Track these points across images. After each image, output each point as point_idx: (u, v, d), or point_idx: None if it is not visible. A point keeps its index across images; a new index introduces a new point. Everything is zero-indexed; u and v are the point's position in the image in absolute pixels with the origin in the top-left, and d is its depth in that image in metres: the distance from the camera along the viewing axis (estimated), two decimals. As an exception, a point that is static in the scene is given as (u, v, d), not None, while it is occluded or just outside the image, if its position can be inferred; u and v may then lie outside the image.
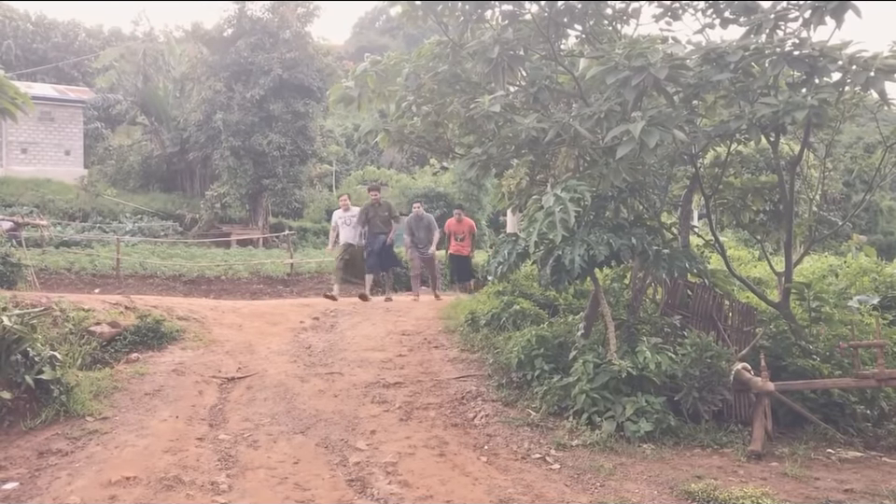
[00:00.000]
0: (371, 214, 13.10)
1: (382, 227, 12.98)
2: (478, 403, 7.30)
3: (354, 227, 13.14)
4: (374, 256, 13.00)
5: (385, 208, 13.21)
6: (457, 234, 14.70)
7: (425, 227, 13.65)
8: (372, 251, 13.00)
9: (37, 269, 15.95)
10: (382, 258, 13.09)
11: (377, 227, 12.96)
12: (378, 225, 12.99)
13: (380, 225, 12.98)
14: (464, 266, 14.96)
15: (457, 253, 14.78)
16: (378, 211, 13.12)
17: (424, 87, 7.73)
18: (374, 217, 13.08)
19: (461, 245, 14.68)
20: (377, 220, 13.07)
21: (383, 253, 13.04)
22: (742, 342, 7.66)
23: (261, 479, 5.37)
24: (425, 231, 13.59)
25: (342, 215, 13.49)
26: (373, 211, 13.12)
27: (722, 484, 5.30)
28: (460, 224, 14.77)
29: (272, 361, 8.52)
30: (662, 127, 5.98)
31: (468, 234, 14.62)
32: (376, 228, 12.95)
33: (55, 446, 5.90)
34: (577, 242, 6.63)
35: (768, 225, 9.39)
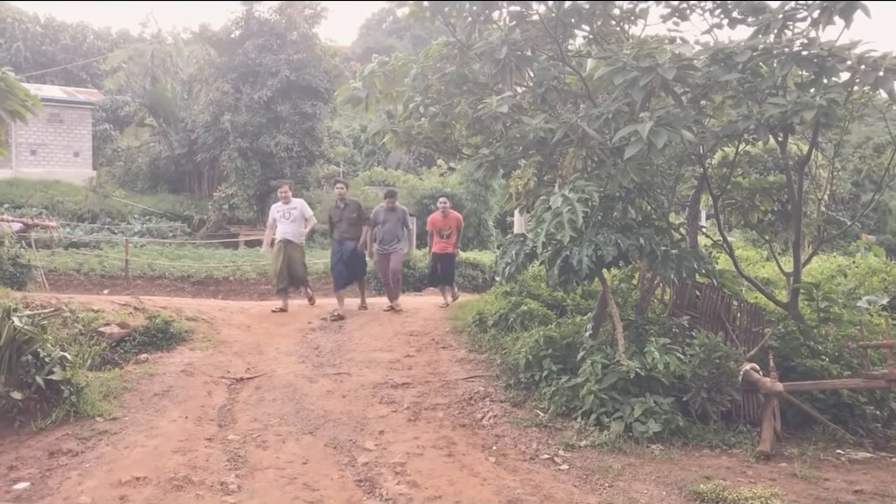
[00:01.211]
0: (336, 216, 11.20)
1: (349, 231, 11.14)
2: (486, 404, 7.30)
3: (294, 221, 11.25)
4: (341, 266, 11.20)
5: (352, 208, 11.21)
6: (443, 230, 12.49)
7: (395, 219, 11.48)
8: (340, 260, 11.19)
9: (47, 270, 16.03)
10: (350, 268, 11.29)
11: (343, 231, 11.12)
12: (344, 229, 11.13)
13: (347, 229, 11.13)
14: (448, 265, 12.74)
15: (442, 251, 12.46)
16: (344, 212, 11.15)
17: (431, 88, 7.75)
18: (340, 219, 11.17)
19: (447, 242, 12.55)
20: (343, 224, 11.16)
21: (352, 263, 11.26)
22: (750, 342, 7.64)
23: (270, 479, 5.39)
24: (393, 224, 11.43)
25: (280, 208, 11.40)
26: (338, 213, 11.20)
27: (731, 485, 5.29)
28: (446, 219, 12.45)
29: (280, 362, 8.54)
30: (670, 127, 5.97)
31: (454, 230, 12.51)
32: (342, 232, 11.12)
33: (65, 446, 5.92)
34: (585, 242, 6.63)
35: (776, 225, 9.37)
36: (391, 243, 11.41)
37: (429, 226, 12.56)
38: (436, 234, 12.46)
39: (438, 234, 12.42)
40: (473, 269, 19.17)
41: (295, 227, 11.20)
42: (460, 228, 12.60)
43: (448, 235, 12.33)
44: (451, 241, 12.37)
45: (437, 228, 12.39)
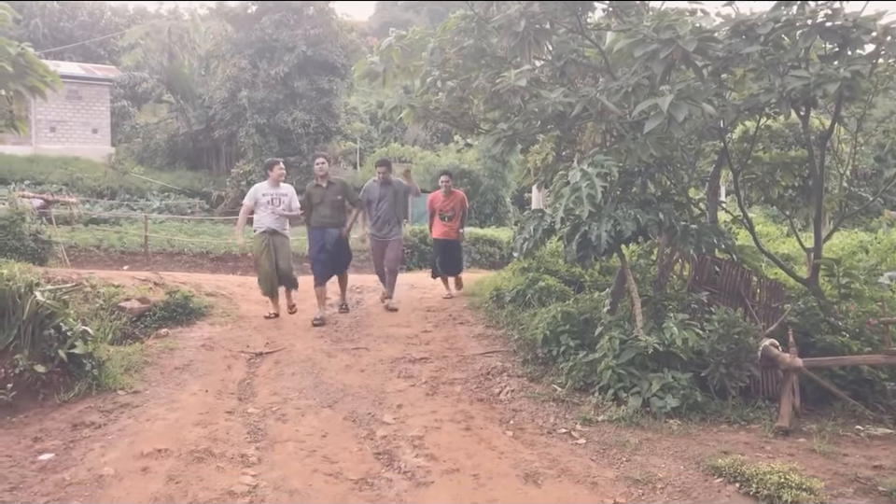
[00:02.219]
0: (317, 197, 9.38)
1: (332, 216, 9.40)
2: (503, 379, 7.32)
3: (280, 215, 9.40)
4: (324, 257, 9.43)
5: (336, 189, 9.42)
6: (444, 212, 10.83)
7: (392, 196, 9.89)
8: (322, 250, 9.42)
9: (67, 246, 16.18)
10: (335, 259, 9.56)
11: (325, 216, 9.35)
12: (327, 214, 9.36)
13: (329, 214, 9.37)
14: (453, 254, 11.05)
15: (445, 237, 10.83)
16: (327, 193, 9.34)
17: (449, 62, 7.70)
18: (321, 201, 9.36)
19: (449, 226, 10.84)
20: (325, 207, 9.37)
21: (336, 253, 9.52)
22: (770, 318, 7.60)
23: (290, 451, 5.44)
24: (390, 203, 9.84)
25: (267, 190, 9.39)
26: (319, 193, 9.38)
27: (749, 460, 5.28)
28: (449, 198, 10.85)
29: (298, 337, 8.59)
30: (690, 101, 5.91)
31: (458, 211, 10.87)
32: (324, 217, 9.35)
33: (88, 419, 6.00)
34: (604, 217, 6.60)
35: (797, 201, 9.28)
36: (389, 227, 9.90)
37: (429, 206, 11.13)
38: (437, 216, 10.91)
39: (439, 216, 10.87)
40: (490, 245, 19.20)
41: (280, 216, 9.38)
42: (465, 209, 11.09)
43: (451, 218, 10.78)
44: (454, 224, 10.81)
45: (437, 209, 10.88)
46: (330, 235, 9.40)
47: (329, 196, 9.33)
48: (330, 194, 9.34)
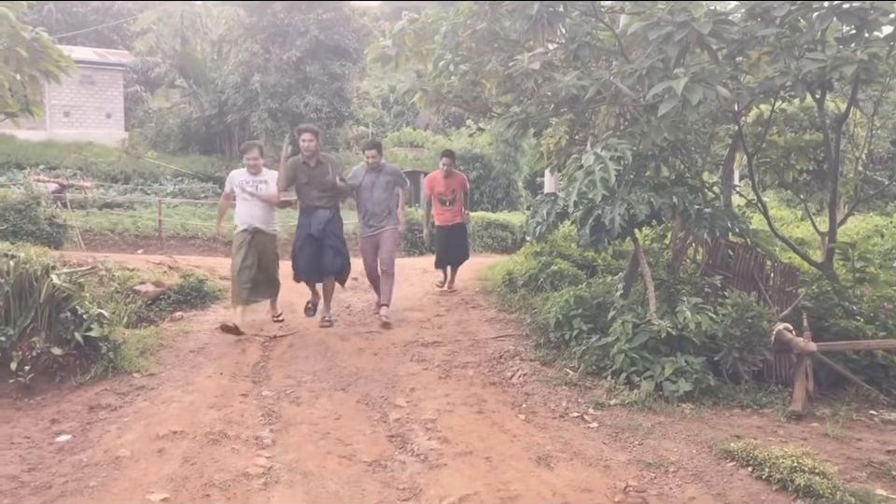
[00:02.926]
0: (303, 176, 8.16)
1: (320, 198, 8.17)
2: (516, 362, 7.34)
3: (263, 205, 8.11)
4: (310, 248, 8.13)
5: (325, 168, 8.15)
6: (444, 195, 10.02)
7: (384, 184, 8.60)
8: (309, 238, 8.12)
9: (82, 230, 16.30)
10: (324, 251, 8.15)
11: (312, 198, 8.18)
12: (313, 195, 8.18)
13: (317, 195, 8.17)
14: (458, 241, 10.24)
15: (446, 223, 10.07)
16: (315, 173, 8.13)
17: (462, 45, 7.67)
18: (308, 182, 8.16)
19: (450, 210, 10.06)
20: (311, 189, 8.18)
21: (325, 242, 8.14)
22: (784, 302, 7.58)
23: (304, 434, 5.48)
24: (382, 191, 8.59)
25: (245, 177, 8.16)
26: (305, 172, 8.15)
27: (762, 444, 5.28)
28: (449, 179, 10.02)
29: (312, 320, 8.63)
30: (705, 84, 5.87)
31: (459, 195, 10.10)
32: (311, 199, 8.19)
33: (104, 401, 6.07)
34: (617, 201, 6.58)
35: (812, 185, 9.23)
36: (381, 219, 8.58)
37: (426, 188, 10.28)
38: (436, 201, 10.13)
39: (438, 201, 10.08)
40: (502, 230, 19.18)
41: (264, 209, 8.11)
42: (466, 192, 10.32)
43: (451, 201, 10.03)
44: (456, 207, 10.09)
45: (436, 192, 10.09)
46: (318, 218, 8.07)
47: (316, 176, 8.08)
48: (318, 174, 8.08)
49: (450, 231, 10.16)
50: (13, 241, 10.82)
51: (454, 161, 10.40)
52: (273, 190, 8.06)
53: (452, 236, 10.17)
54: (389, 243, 8.60)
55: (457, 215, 10.12)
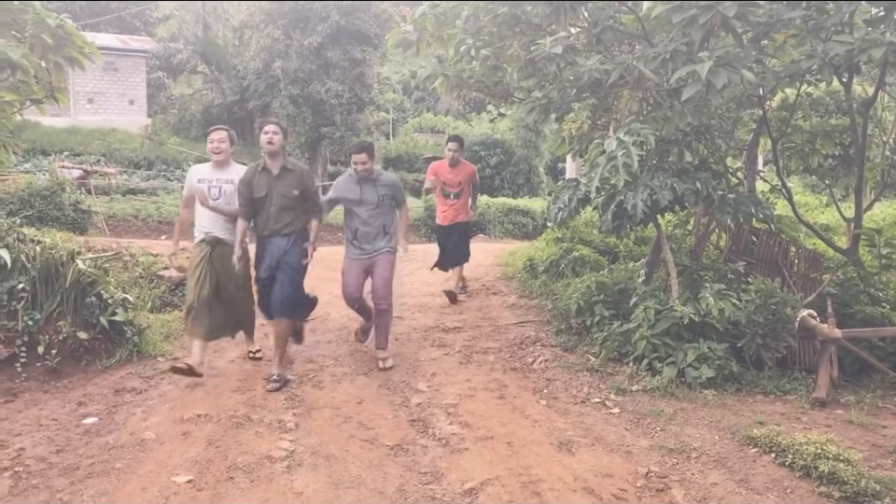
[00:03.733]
0: (260, 188, 6.14)
1: (280, 220, 6.16)
2: (537, 348, 7.34)
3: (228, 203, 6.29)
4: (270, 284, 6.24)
5: (292, 180, 6.18)
6: (449, 187, 8.79)
7: (379, 198, 6.68)
8: (268, 273, 6.22)
9: (106, 216, 16.47)
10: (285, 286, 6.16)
11: (272, 218, 6.15)
12: (274, 215, 6.15)
13: (275, 215, 6.15)
14: (460, 239, 9.01)
15: (452, 222, 8.85)
16: (275, 184, 6.14)
17: (483, 30, 7.62)
18: (267, 194, 6.13)
19: (455, 206, 8.81)
20: (272, 204, 6.15)
21: (282, 275, 6.17)
22: (808, 289, 7.50)
23: (326, 418, 5.52)
24: (376, 207, 6.68)
25: (209, 175, 6.40)
26: (264, 182, 6.15)
27: (785, 431, 5.25)
28: (456, 170, 8.80)
29: (333, 305, 8.67)
30: (730, 67, 5.79)
31: (466, 187, 8.83)
32: (271, 220, 6.16)
33: (130, 384, 6.15)
34: (640, 187, 6.54)
35: (838, 170, 9.11)
36: (374, 241, 6.70)
37: (430, 174, 8.96)
38: (439, 193, 8.90)
39: (442, 194, 8.84)
40: (523, 216, 19.16)
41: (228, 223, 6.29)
42: (475, 184, 9.05)
43: (458, 195, 8.79)
44: (462, 203, 8.82)
45: (442, 181, 8.81)
46: (275, 248, 6.14)
47: (278, 188, 6.08)
48: (282, 186, 6.08)
49: (451, 230, 8.87)
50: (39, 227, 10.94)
51: (462, 147, 9.01)
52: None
53: (453, 236, 8.91)
54: (385, 270, 6.67)
55: (462, 212, 8.85)
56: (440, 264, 9.25)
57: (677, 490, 4.49)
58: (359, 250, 6.74)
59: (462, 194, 8.83)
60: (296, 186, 6.18)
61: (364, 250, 6.74)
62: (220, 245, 6.26)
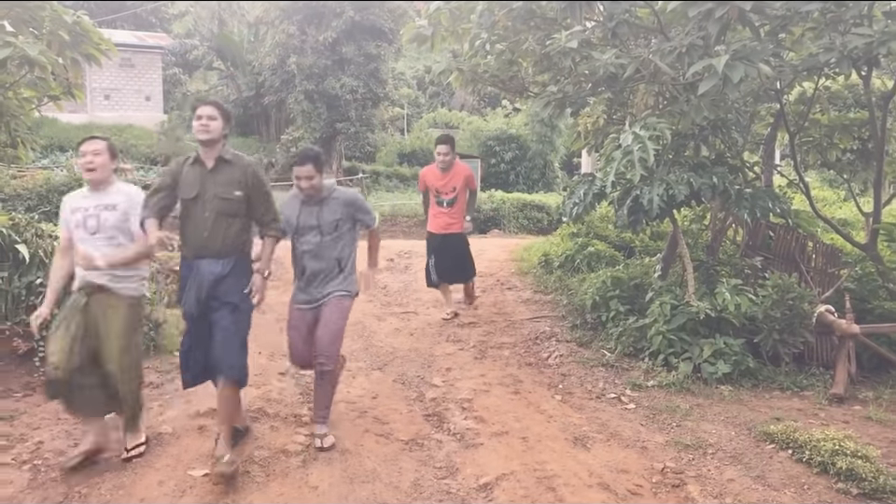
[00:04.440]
0: (188, 187, 4.53)
1: (214, 234, 4.48)
2: (552, 343, 7.33)
3: (110, 236, 4.59)
4: (194, 331, 4.59)
5: (235, 173, 4.56)
6: (443, 193, 7.86)
7: (331, 224, 5.04)
8: (196, 303, 4.49)
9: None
10: (223, 337, 4.43)
11: (198, 233, 4.51)
12: (199, 227, 4.50)
13: (210, 229, 4.48)
14: (456, 252, 7.96)
15: (443, 231, 7.89)
16: (208, 182, 4.52)
17: (498, 24, 7.59)
18: (200, 195, 4.50)
19: (448, 214, 7.86)
20: (205, 209, 4.49)
21: (212, 316, 4.47)
22: (826, 284, 7.45)
23: (341, 412, 5.54)
24: (328, 236, 5.05)
25: (79, 203, 4.77)
26: (194, 182, 4.53)
27: (802, 427, 5.22)
28: (448, 175, 7.84)
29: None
30: (746, 61, 5.74)
31: (461, 193, 7.87)
32: (202, 231, 4.49)
33: (147, 379, 6.17)
34: (656, 181, 6.51)
35: (856, 164, 9.01)
36: (326, 283, 5.05)
37: (421, 185, 8.18)
38: (432, 200, 7.98)
39: (435, 200, 7.93)
40: (538, 211, 19.12)
41: (113, 249, 4.59)
42: (473, 189, 8.04)
43: (452, 202, 7.82)
44: (456, 210, 7.85)
45: (433, 188, 7.91)
46: (205, 275, 4.46)
47: (212, 187, 4.48)
48: (218, 184, 4.48)
49: (444, 241, 7.91)
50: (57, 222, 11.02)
51: (453, 148, 7.97)
52: (135, 227, 4.58)
53: (447, 247, 7.93)
54: (333, 318, 4.97)
55: (456, 221, 7.88)
56: (434, 279, 8.06)
57: (693, 486, 4.47)
58: (306, 296, 5.06)
59: (457, 201, 7.84)
60: (237, 184, 4.49)
61: (312, 296, 5.03)
62: (100, 295, 4.54)
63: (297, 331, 5.12)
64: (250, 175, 4.58)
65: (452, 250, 7.91)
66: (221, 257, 4.49)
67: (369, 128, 25.14)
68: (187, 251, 4.57)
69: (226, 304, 4.45)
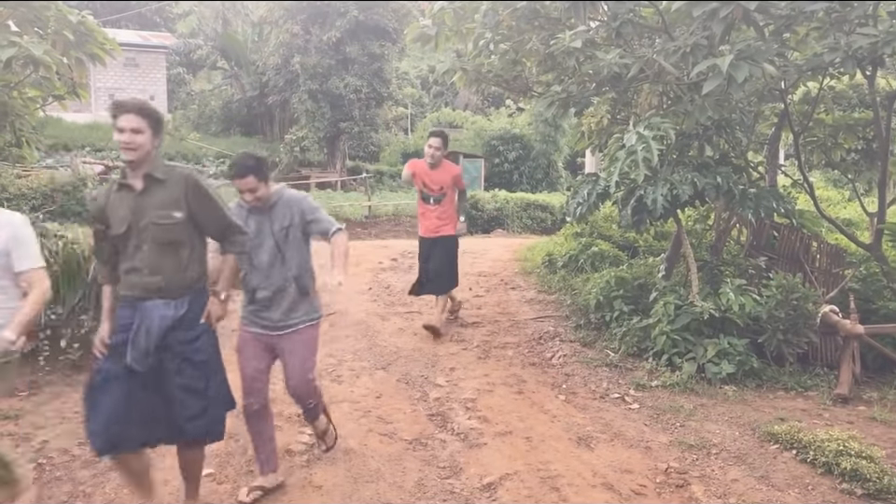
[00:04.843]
0: (124, 218, 3.59)
1: (163, 265, 3.59)
2: (556, 343, 7.32)
3: None
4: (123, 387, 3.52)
5: (172, 191, 3.62)
6: (428, 189, 7.36)
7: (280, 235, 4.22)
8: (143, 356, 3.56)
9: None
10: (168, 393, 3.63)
11: (142, 265, 3.58)
12: (143, 260, 3.59)
13: (152, 260, 3.58)
14: (442, 256, 7.35)
15: (435, 234, 7.35)
16: (142, 205, 3.59)
17: (502, 24, 7.59)
18: (131, 226, 3.58)
19: (436, 213, 7.33)
20: (142, 241, 3.58)
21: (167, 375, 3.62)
22: (830, 284, 7.44)
23: (345, 412, 5.54)
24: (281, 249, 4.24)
25: None
26: (124, 204, 3.60)
27: (807, 427, 5.22)
28: (435, 172, 7.33)
29: (353, 300, 8.69)
30: (751, 61, 5.73)
31: (449, 191, 7.37)
32: (138, 267, 3.59)
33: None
34: (660, 181, 6.50)
35: (860, 164, 9.00)
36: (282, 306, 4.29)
37: (409, 167, 7.59)
38: (419, 196, 7.50)
39: (422, 196, 7.44)
40: (542, 211, 19.10)
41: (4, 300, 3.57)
42: (461, 188, 7.55)
43: (439, 200, 7.31)
44: (446, 210, 7.33)
45: (422, 183, 7.37)
46: (152, 320, 3.62)
47: (146, 214, 3.61)
48: (151, 210, 3.61)
49: (433, 245, 7.34)
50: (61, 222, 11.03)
51: (446, 145, 7.44)
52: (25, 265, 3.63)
53: (436, 251, 7.34)
54: (302, 353, 4.35)
55: (447, 222, 7.34)
56: (416, 288, 7.59)
57: (696, 486, 4.47)
58: (258, 319, 4.32)
59: (444, 200, 7.31)
60: (176, 204, 3.60)
61: (265, 320, 4.29)
62: None
63: (248, 363, 4.34)
64: (190, 188, 3.66)
65: (440, 253, 7.31)
66: (172, 297, 3.63)
67: (372, 127, 25.15)
68: (127, 290, 3.66)
69: (187, 363, 3.65)
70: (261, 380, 4.34)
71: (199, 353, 3.71)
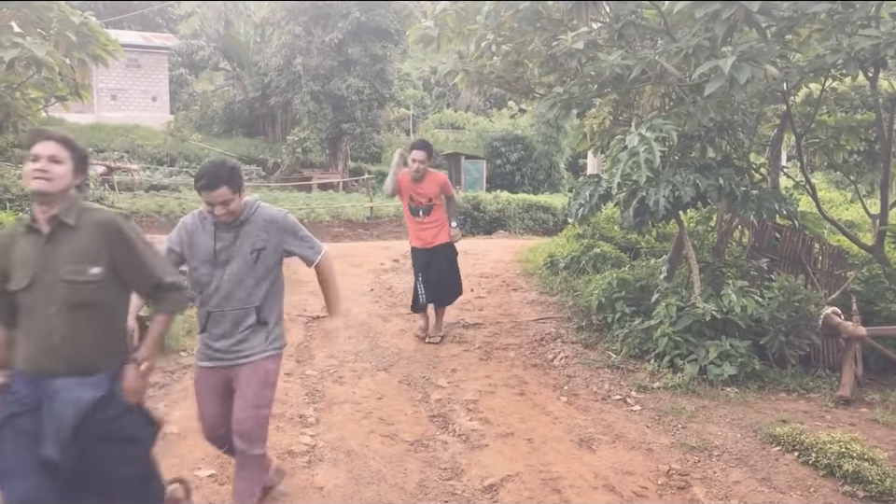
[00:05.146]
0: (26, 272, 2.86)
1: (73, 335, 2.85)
2: (557, 345, 7.32)
3: None
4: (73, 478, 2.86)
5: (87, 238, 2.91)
6: (415, 201, 7.16)
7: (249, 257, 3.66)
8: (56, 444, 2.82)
9: (129, 211, 16.57)
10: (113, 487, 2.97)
11: (48, 332, 2.83)
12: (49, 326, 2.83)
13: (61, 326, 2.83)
14: (443, 266, 7.25)
15: (431, 244, 7.18)
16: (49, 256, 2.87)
17: (504, 25, 7.59)
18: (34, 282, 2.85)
19: (427, 224, 7.16)
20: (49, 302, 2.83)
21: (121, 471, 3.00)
22: (832, 286, 7.43)
23: (347, 413, 5.54)
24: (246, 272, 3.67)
25: None
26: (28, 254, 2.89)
27: (809, 429, 5.21)
28: (423, 183, 7.10)
29: (354, 301, 8.70)
30: (753, 62, 5.73)
31: (437, 200, 7.17)
32: (44, 336, 2.83)
33: (152, 379, 6.19)
34: (662, 183, 6.50)
35: (863, 166, 9.00)
36: (236, 336, 3.71)
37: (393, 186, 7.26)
38: (406, 209, 7.30)
39: (410, 210, 7.23)
40: (544, 212, 19.12)
41: None
42: (450, 195, 7.29)
43: (428, 210, 7.11)
44: (437, 219, 7.16)
45: (410, 194, 7.16)
46: (63, 404, 2.84)
47: (53, 267, 2.88)
48: (61, 263, 2.88)
49: (431, 256, 7.18)
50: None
51: (430, 157, 7.20)
52: None
53: (435, 261, 7.20)
54: (254, 387, 3.74)
55: (441, 230, 7.19)
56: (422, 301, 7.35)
57: (698, 488, 4.47)
58: (210, 351, 3.77)
59: (434, 209, 7.12)
60: (92, 257, 2.92)
61: (220, 352, 3.74)
62: None
63: (206, 406, 3.85)
64: (113, 236, 2.97)
65: (440, 263, 7.19)
66: (88, 373, 2.91)
67: (374, 129, 25.16)
68: (27, 364, 2.90)
69: (111, 455, 2.96)
70: (222, 424, 3.79)
71: (132, 443, 3.07)
